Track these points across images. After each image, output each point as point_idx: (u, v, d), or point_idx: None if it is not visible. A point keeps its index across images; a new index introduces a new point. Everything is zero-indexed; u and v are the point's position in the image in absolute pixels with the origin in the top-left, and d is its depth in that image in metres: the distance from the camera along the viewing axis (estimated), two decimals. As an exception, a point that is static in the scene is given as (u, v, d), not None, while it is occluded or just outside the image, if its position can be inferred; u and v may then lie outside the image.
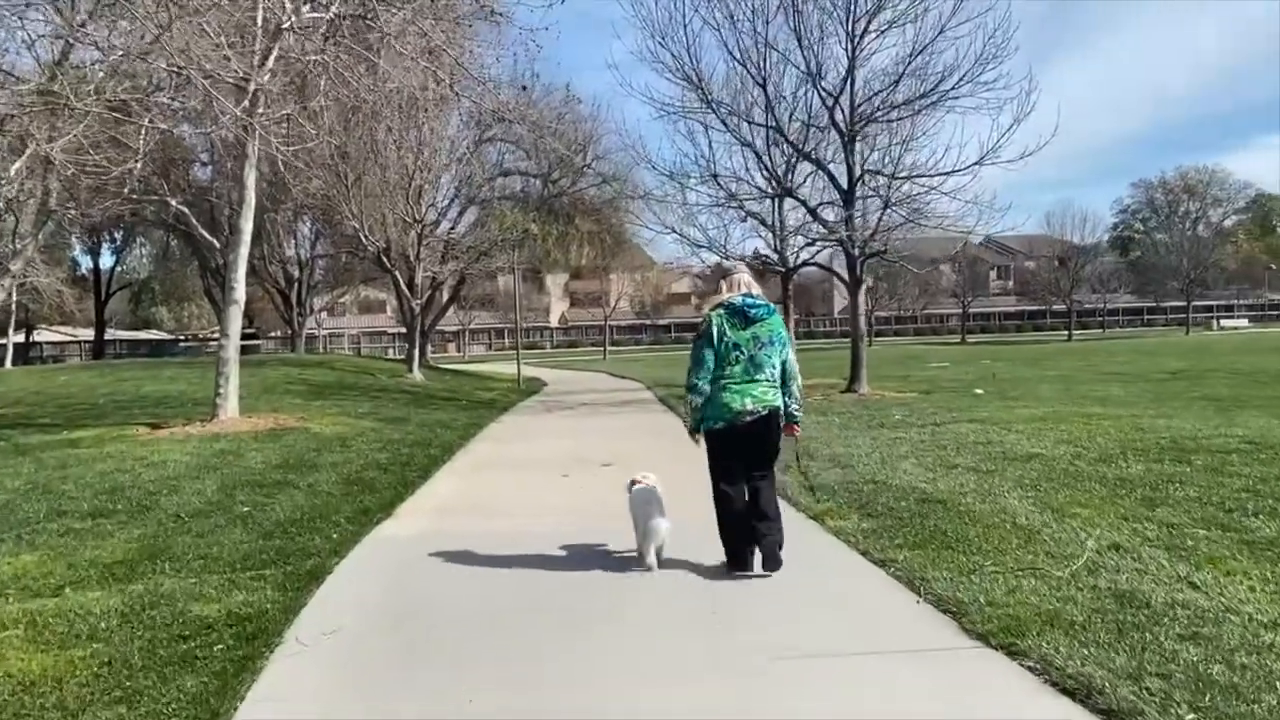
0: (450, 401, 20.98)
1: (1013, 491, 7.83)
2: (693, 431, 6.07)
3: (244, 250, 14.49)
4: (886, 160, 18.30)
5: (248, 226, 14.53)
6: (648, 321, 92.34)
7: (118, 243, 62.54)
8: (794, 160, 19.99)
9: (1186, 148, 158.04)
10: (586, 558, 6.47)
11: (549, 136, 14.23)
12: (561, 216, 34.12)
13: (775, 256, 24.28)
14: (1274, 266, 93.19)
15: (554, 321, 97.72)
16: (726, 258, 23.92)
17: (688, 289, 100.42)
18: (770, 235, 24.73)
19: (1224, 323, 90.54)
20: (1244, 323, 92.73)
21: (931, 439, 11.18)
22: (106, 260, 65.43)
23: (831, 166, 19.85)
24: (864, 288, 19.69)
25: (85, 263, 65.02)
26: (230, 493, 8.88)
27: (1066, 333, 79.92)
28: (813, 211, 19.49)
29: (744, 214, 23.34)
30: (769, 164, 19.55)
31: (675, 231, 21.54)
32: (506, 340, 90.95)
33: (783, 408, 5.94)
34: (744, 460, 5.93)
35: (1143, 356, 35.94)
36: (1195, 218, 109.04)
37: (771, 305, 5.97)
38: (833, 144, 19.85)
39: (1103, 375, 24.48)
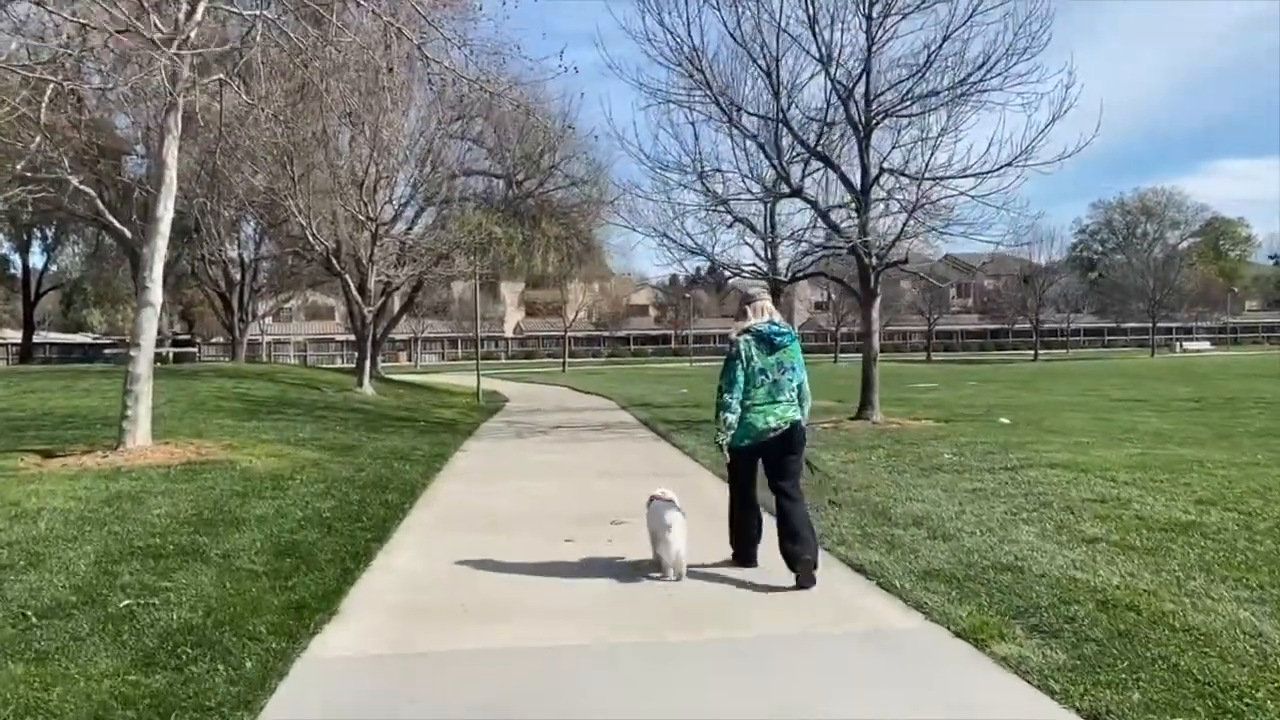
0: (406, 423, 18.44)
1: (1214, 587, 5.59)
2: (722, 448, 6.40)
3: (161, 243, 11.92)
4: (914, 156, 16.12)
5: (167, 215, 11.97)
6: (605, 333, 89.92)
7: (48, 240, 58.83)
8: (804, 157, 17.79)
9: (1143, 169, 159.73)
10: (637, 702, 4.11)
11: (533, 115, 11.93)
12: (527, 220, 31.69)
13: (765, 266, 22.17)
14: (1236, 290, 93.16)
15: (509, 331, 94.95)
16: (712, 264, 21.67)
17: (646, 300, 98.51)
18: (760, 243, 22.71)
19: (1187, 345, 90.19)
20: (1206, 345, 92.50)
21: (1022, 492, 8.95)
22: (37, 259, 61.46)
23: (841, 165, 17.73)
24: (878, 303, 17.48)
25: (16, 261, 61.09)
26: (113, 568, 6.38)
27: (1032, 352, 78.83)
28: (823, 215, 17.27)
29: (731, 219, 21.20)
30: (774, 159, 17.27)
31: (663, 234, 19.16)
32: (460, 350, 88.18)
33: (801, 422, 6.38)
34: (769, 471, 6.40)
35: (1137, 381, 34.25)
36: (1153, 239, 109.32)
37: (793, 332, 6.48)
38: (846, 140, 17.71)
39: (1120, 402, 22.56)
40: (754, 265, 21.97)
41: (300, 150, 22.18)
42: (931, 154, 15.48)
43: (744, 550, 6.53)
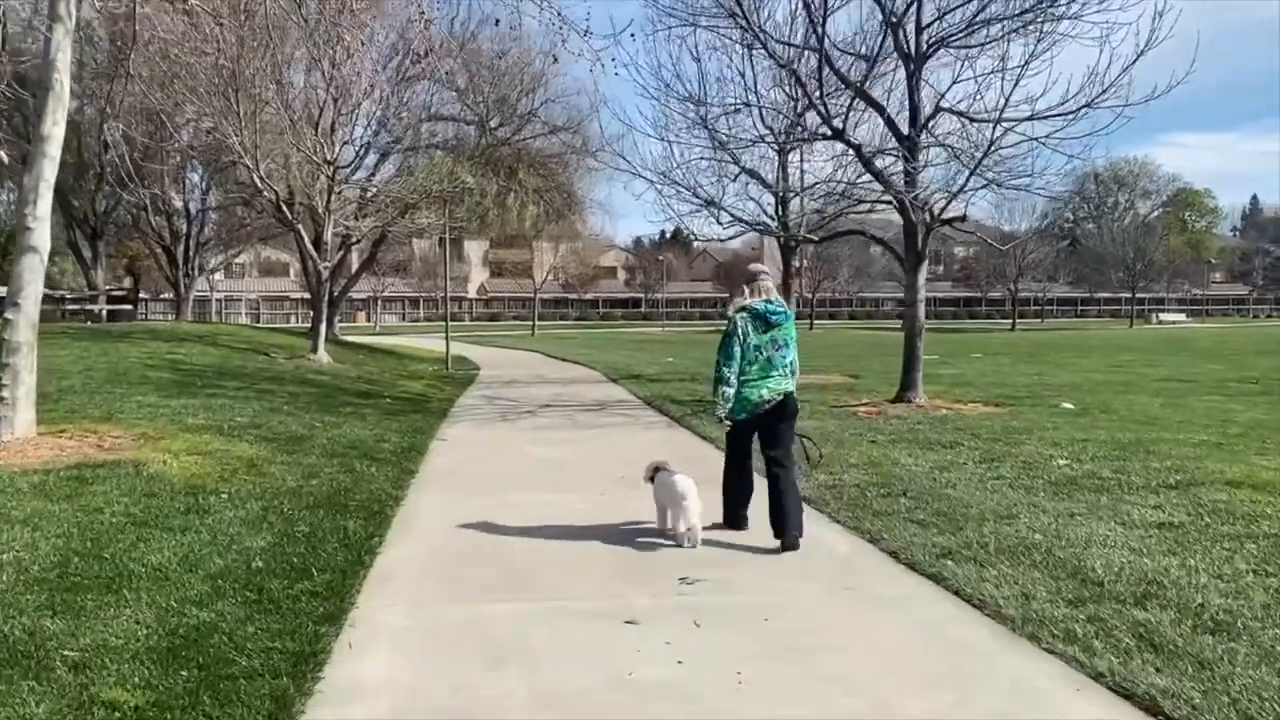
0: (368, 399, 15.68)
1: None
2: (724, 419, 6.72)
3: (48, 168, 9.04)
4: (985, 91, 13.41)
5: (56, 132, 9.09)
6: (574, 296, 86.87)
7: (-21, 187, 54.77)
8: (846, 95, 15.10)
9: (1107, 140, 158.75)
10: None
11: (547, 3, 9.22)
12: (503, 170, 28.73)
13: (775, 224, 19.66)
14: (1213, 260, 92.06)
15: (473, 292, 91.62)
16: (720, 211, 18.99)
17: (614, 262, 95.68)
18: (770, 197, 20.28)
19: (1163, 317, 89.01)
20: (1181, 317, 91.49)
21: (1239, 531, 6.42)
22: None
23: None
24: (925, 267, 14.93)
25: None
26: (-128, 696, 3.70)
27: (1009, 321, 77.02)
28: (867, 162, 14.59)
29: (738, 170, 18.68)
30: (814, 95, 14.52)
31: (671, 180, 16.49)
32: (421, 310, 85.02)
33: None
34: (762, 440, 6.73)
35: (1152, 355, 32.10)
36: (1124, 209, 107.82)
37: (789, 311, 6.82)
38: (886, 75, 15.11)
39: (1169, 383, 20.24)
40: (764, 223, 19.48)
41: (247, 80, 19.17)
42: (1014, 88, 12.80)
43: (734, 514, 6.84)
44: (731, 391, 6.54)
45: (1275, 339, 45.65)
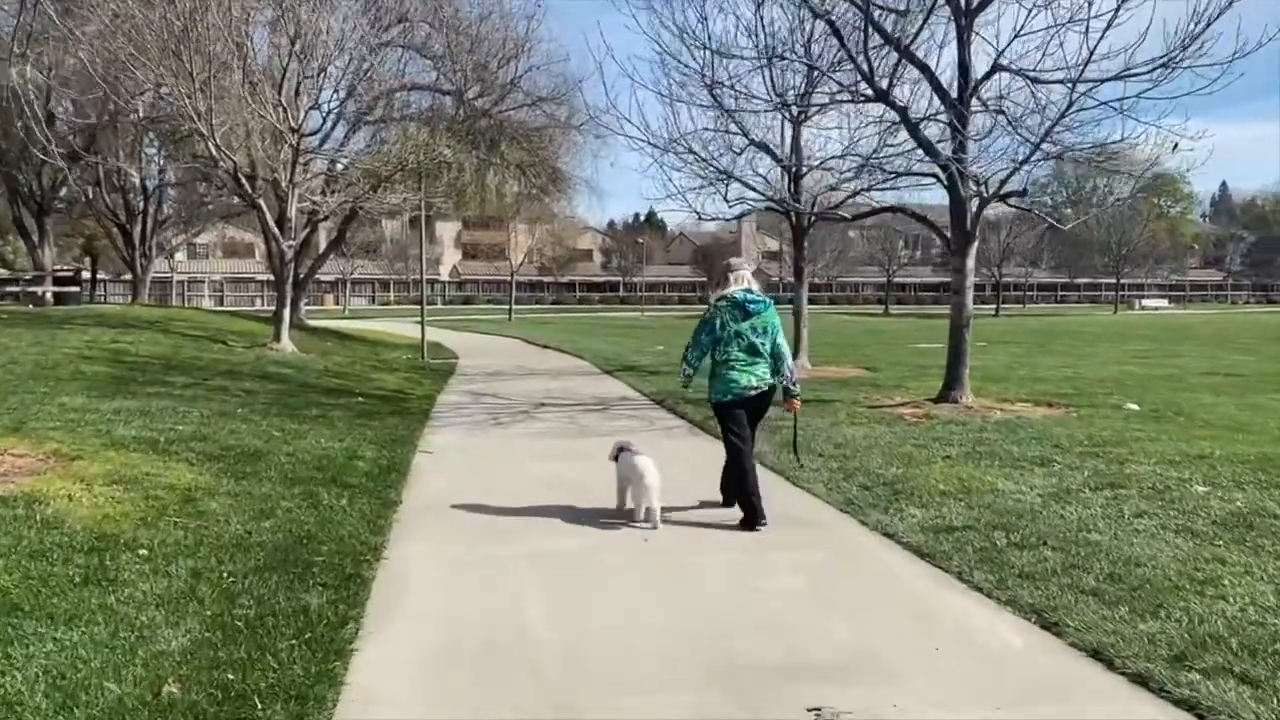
0: (337, 397, 13.68)
1: None
2: (683, 388, 8.07)
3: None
4: (1059, 44, 11.45)
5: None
6: (550, 279, 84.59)
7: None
8: (885, 62, 13.22)
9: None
10: None
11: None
12: (483, 144, 26.63)
13: (786, 198, 17.89)
14: (1195, 246, 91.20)
15: (445, 274, 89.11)
16: (728, 187, 17.16)
17: (591, 245, 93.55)
18: (780, 172, 18.55)
19: (1145, 303, 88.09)
20: (1164, 303, 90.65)
21: None
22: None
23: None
24: (974, 247, 13.15)
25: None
26: None
27: (994, 307, 75.83)
28: (914, 127, 12.68)
29: (746, 143, 16.94)
30: (858, 52, 12.59)
31: (688, 149, 14.65)
32: (392, 293, 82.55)
33: (779, 385, 7.03)
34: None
35: (1167, 344, 30.59)
36: (1104, 193, 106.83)
37: (768, 300, 7.02)
38: (946, 26, 13.26)
39: (1216, 377, 18.66)
40: (781, 199, 17.69)
41: (201, 36, 17.06)
42: (1100, 39, 10.93)
43: (753, 506, 6.73)
44: (691, 372, 7.10)
45: (1268, 325, 44.60)
